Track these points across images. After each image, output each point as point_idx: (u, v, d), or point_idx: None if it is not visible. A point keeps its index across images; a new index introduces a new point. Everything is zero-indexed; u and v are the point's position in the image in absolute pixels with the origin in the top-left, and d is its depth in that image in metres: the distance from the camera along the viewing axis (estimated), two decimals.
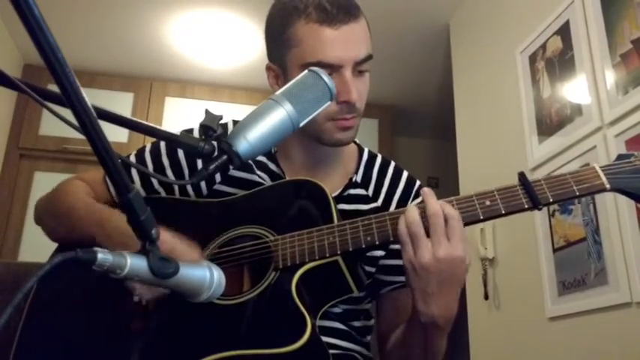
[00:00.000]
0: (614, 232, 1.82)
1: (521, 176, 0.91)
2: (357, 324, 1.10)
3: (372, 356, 1.11)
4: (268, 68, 1.08)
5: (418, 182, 1.17)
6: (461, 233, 0.85)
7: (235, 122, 1.11)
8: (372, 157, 1.17)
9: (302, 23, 0.99)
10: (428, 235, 0.86)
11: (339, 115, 1.00)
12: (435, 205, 0.87)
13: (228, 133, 0.76)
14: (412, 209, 0.88)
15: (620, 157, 0.93)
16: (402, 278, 1.07)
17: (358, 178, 1.13)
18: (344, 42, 0.98)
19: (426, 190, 0.90)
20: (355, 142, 1.19)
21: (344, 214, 1.02)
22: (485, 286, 2.51)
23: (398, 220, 0.89)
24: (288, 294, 0.88)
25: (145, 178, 1.08)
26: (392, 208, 1.12)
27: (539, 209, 0.90)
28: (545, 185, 0.89)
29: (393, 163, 1.18)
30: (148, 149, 1.12)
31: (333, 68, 0.97)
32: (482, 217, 0.89)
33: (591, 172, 0.90)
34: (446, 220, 0.86)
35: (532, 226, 2.20)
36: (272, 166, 1.10)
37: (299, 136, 1.02)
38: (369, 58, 1.02)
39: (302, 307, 0.86)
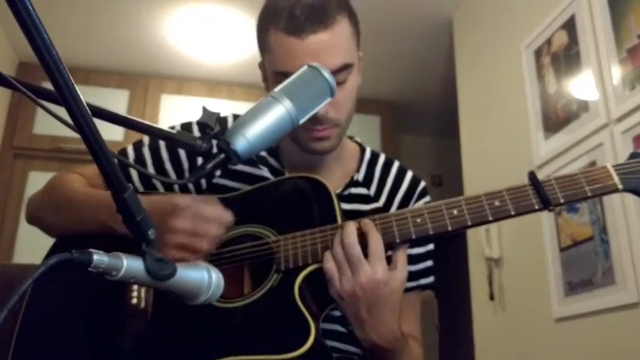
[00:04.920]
0: (621, 231, 1.81)
1: (532, 176, 0.88)
2: None
3: None
4: (259, 66, 1.07)
5: (423, 183, 1.15)
6: (380, 255, 0.86)
7: (236, 116, 1.09)
8: (374, 156, 1.15)
9: (273, 31, 0.96)
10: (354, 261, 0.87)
11: (310, 126, 0.96)
12: (348, 236, 0.87)
13: (229, 127, 0.75)
14: (337, 247, 0.88)
15: (633, 155, 0.90)
16: None
17: (360, 177, 1.11)
18: (311, 53, 0.93)
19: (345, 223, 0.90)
20: (357, 142, 1.17)
21: (344, 214, 1.00)
22: (490, 286, 2.50)
23: (402, 220, 0.88)
24: (291, 298, 0.87)
25: (142, 173, 1.06)
26: (393, 208, 1.09)
27: (550, 210, 0.87)
28: (555, 185, 0.87)
29: (397, 163, 1.16)
30: (147, 143, 1.10)
31: None
32: (491, 219, 0.87)
33: (603, 172, 0.87)
34: (366, 243, 0.86)
35: (538, 226, 2.17)
36: (272, 161, 1.09)
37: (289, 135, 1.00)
38: (344, 67, 0.96)
39: (305, 312, 0.85)
